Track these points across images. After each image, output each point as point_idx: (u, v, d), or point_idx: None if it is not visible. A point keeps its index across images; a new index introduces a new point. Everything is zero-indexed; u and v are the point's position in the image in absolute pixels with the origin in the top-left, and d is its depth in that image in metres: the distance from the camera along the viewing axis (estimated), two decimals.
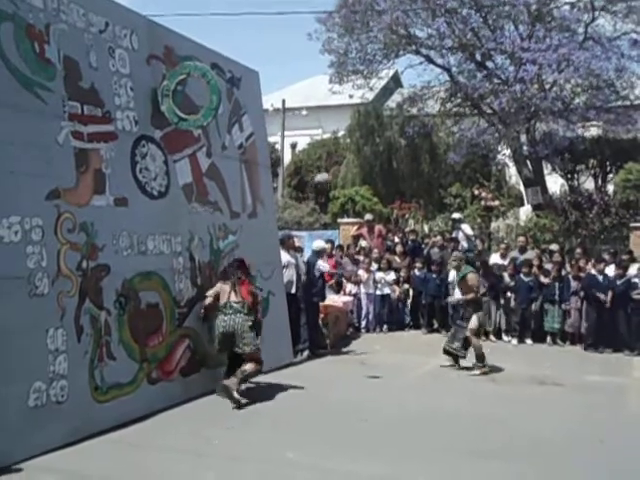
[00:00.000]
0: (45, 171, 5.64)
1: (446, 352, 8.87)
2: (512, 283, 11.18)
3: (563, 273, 11.14)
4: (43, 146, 5.67)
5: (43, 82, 5.73)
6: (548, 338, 10.92)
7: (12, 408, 5.07)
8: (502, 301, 11.22)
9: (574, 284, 10.84)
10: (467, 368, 8.61)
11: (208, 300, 7.05)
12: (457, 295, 9.34)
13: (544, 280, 11.02)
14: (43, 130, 5.70)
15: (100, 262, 6.08)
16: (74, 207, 5.85)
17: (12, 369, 5.12)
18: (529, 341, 10.98)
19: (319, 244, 10.48)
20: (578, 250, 12.01)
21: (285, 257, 9.36)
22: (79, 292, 5.80)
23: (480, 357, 8.55)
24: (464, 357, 8.73)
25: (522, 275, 11.12)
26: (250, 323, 6.83)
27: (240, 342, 6.78)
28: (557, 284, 10.94)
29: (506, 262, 11.58)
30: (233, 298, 6.90)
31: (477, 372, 8.44)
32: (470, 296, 8.63)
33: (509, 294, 11.19)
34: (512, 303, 11.14)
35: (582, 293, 10.70)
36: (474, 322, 8.57)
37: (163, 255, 6.97)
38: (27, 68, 5.59)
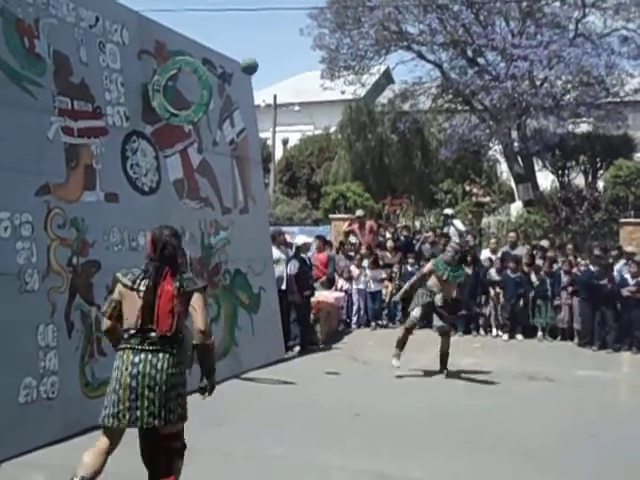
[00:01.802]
0: (35, 167, 5.61)
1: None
2: (498, 278, 11.23)
3: (554, 269, 11.19)
4: (33, 141, 5.64)
5: (33, 77, 5.69)
6: (539, 333, 10.97)
7: (2, 404, 5.04)
8: (491, 296, 11.26)
9: (565, 279, 10.90)
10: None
11: (106, 323, 4.03)
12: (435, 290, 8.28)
13: (534, 276, 11.07)
14: (33, 125, 5.67)
15: (91, 258, 6.05)
16: (64, 203, 5.83)
17: (2, 365, 5.10)
18: (520, 336, 11.03)
19: (301, 239, 10.41)
20: (569, 246, 12.07)
21: (276, 253, 9.35)
22: (69, 288, 5.77)
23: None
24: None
25: (509, 271, 11.16)
26: (180, 370, 3.90)
27: (162, 410, 3.78)
28: (549, 280, 10.99)
29: (494, 257, 11.66)
30: (150, 323, 3.81)
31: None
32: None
33: (498, 290, 11.23)
34: (501, 299, 11.19)
35: (570, 288, 10.75)
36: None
37: None
38: (16, 63, 5.55)
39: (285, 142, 27.73)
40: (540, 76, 17.52)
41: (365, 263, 12.01)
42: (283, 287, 9.37)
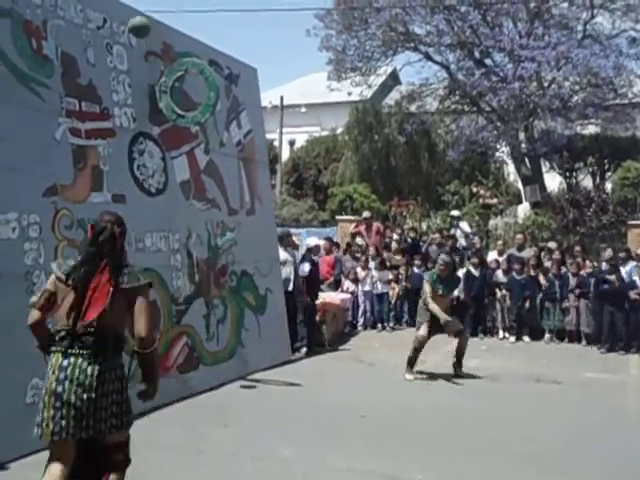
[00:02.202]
0: (43, 168, 5.63)
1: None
2: (505, 280, 11.19)
3: (563, 271, 11.15)
4: (41, 143, 5.66)
5: (41, 78, 5.72)
6: (546, 336, 10.92)
7: (9, 405, 5.05)
8: (497, 298, 11.22)
9: (573, 282, 10.86)
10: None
11: (34, 315, 3.54)
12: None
13: (542, 278, 11.03)
14: (41, 127, 5.69)
15: None
16: (72, 204, 5.84)
17: (9, 365, 5.11)
18: (526, 339, 10.99)
19: (312, 241, 10.46)
20: (577, 248, 12.02)
21: (283, 254, 9.35)
22: None
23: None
24: None
25: (514, 273, 11.12)
26: (117, 375, 3.50)
27: (91, 419, 3.37)
28: (557, 282, 10.95)
29: (501, 259, 11.63)
30: (80, 320, 3.40)
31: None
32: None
33: (504, 292, 11.20)
34: (507, 301, 11.15)
35: (578, 291, 10.71)
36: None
37: (161, 252, 6.96)
38: (24, 64, 5.58)
39: (292, 143, 27.73)
40: (548, 77, 17.47)
41: (371, 265, 12.00)
42: (290, 289, 9.37)
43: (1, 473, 4.48)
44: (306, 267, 9.72)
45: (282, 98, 25.92)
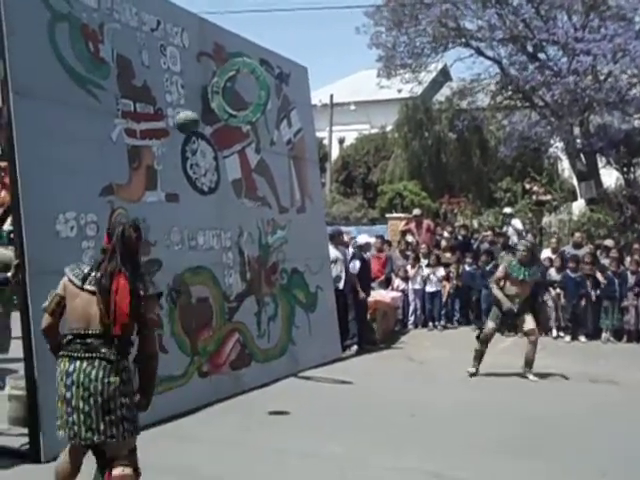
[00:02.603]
0: (99, 168, 5.78)
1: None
2: (558, 278, 10.96)
3: (621, 269, 10.85)
4: (98, 143, 5.81)
5: (97, 81, 5.87)
6: (603, 335, 10.65)
7: None
8: (551, 296, 11.00)
9: (632, 280, 10.56)
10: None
11: (46, 320, 3.57)
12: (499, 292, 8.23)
13: (600, 276, 10.75)
14: (97, 127, 5.84)
15: (152, 257, 6.18)
16: (127, 203, 5.97)
17: None
18: (583, 338, 10.73)
19: (363, 239, 10.46)
20: (635, 245, 11.66)
21: (334, 252, 9.37)
22: None
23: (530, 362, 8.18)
24: None
25: (569, 271, 10.88)
26: (122, 378, 3.41)
27: (100, 423, 3.34)
28: (616, 280, 10.66)
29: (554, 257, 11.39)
30: (94, 323, 3.40)
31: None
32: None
33: (557, 290, 10.96)
34: (562, 299, 10.91)
35: (637, 289, 10.41)
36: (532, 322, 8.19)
37: (213, 250, 7.06)
38: (82, 67, 5.73)
39: (341, 141, 27.74)
40: (604, 71, 16.99)
41: (423, 262, 11.90)
42: (340, 286, 9.38)
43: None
44: (356, 264, 9.73)
45: (332, 96, 25.95)
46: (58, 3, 5.56)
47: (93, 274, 3.44)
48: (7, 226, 6.13)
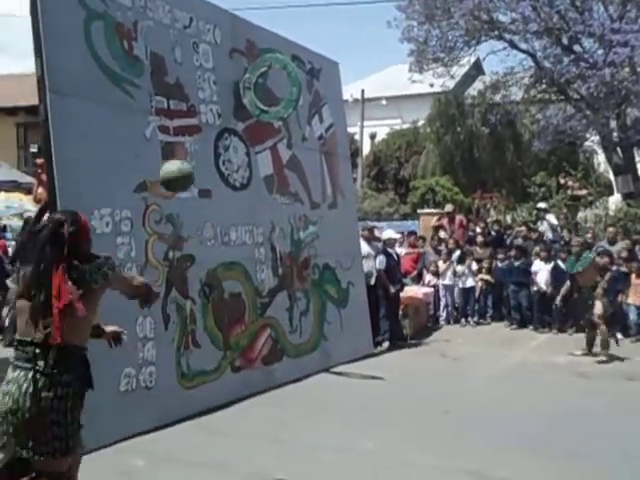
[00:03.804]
0: (134, 164, 5.85)
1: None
2: None
3: None
4: (132, 140, 5.88)
5: (131, 78, 5.94)
6: None
7: (105, 392, 5.28)
8: None
9: None
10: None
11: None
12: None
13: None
14: (132, 125, 5.91)
15: (185, 252, 6.25)
16: (161, 199, 6.03)
17: (104, 355, 5.33)
18: (619, 335, 10.53)
19: (387, 234, 10.40)
20: None
21: (365, 248, 9.35)
22: (166, 282, 5.98)
23: (605, 343, 8.60)
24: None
25: None
26: (56, 394, 3.04)
27: (29, 440, 3.05)
28: None
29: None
30: (28, 329, 3.10)
31: (579, 352, 8.76)
32: (608, 275, 8.76)
33: None
34: None
35: None
36: (599, 307, 8.55)
37: (245, 245, 7.10)
38: (117, 65, 5.80)
39: (373, 136, 27.64)
40: None
41: (454, 256, 11.81)
42: (372, 282, 9.36)
43: (98, 457, 4.69)
44: (381, 259, 9.67)
45: (363, 91, 25.85)
46: (93, 2, 5.64)
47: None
48: None
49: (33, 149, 20.46)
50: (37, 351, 3.04)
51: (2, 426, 3.08)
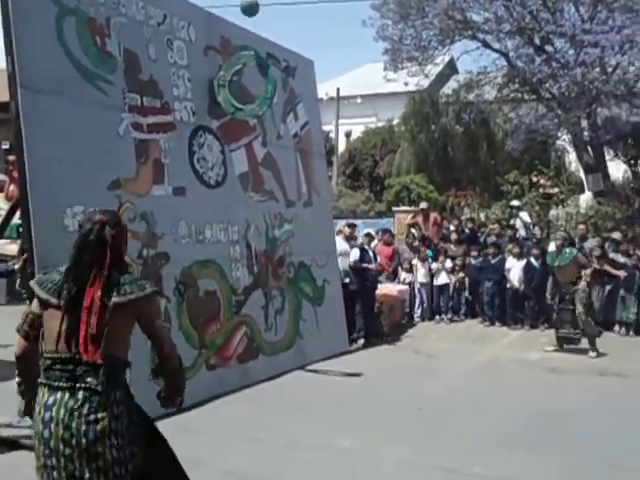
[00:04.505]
0: (107, 162, 5.80)
1: (560, 339, 8.97)
2: None
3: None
4: (105, 137, 5.83)
5: (104, 75, 5.88)
6: (616, 328, 10.59)
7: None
8: None
9: None
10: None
11: (21, 344, 2.89)
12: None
13: (613, 270, 10.67)
14: (104, 122, 5.86)
15: (160, 250, 6.21)
16: (135, 197, 6.00)
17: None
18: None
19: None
20: None
21: (342, 246, 9.38)
22: None
23: (593, 340, 8.74)
24: (579, 338, 8.88)
25: None
26: (112, 413, 2.72)
27: (85, 470, 2.67)
28: (638, 273, 10.60)
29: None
30: (62, 345, 2.72)
31: (551, 348, 8.89)
32: (589, 271, 8.86)
33: None
34: None
35: None
36: (580, 308, 8.66)
37: (220, 243, 7.08)
38: (89, 61, 5.75)
39: (348, 135, 27.67)
40: (612, 62, 16.88)
41: (428, 255, 11.89)
42: (347, 280, 9.39)
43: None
44: (354, 252, 9.71)
45: (338, 90, 25.87)
46: None
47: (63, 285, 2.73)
48: (16, 220, 6.16)
49: (5, 146, 20.15)
50: (83, 368, 2.68)
51: (50, 459, 2.65)
